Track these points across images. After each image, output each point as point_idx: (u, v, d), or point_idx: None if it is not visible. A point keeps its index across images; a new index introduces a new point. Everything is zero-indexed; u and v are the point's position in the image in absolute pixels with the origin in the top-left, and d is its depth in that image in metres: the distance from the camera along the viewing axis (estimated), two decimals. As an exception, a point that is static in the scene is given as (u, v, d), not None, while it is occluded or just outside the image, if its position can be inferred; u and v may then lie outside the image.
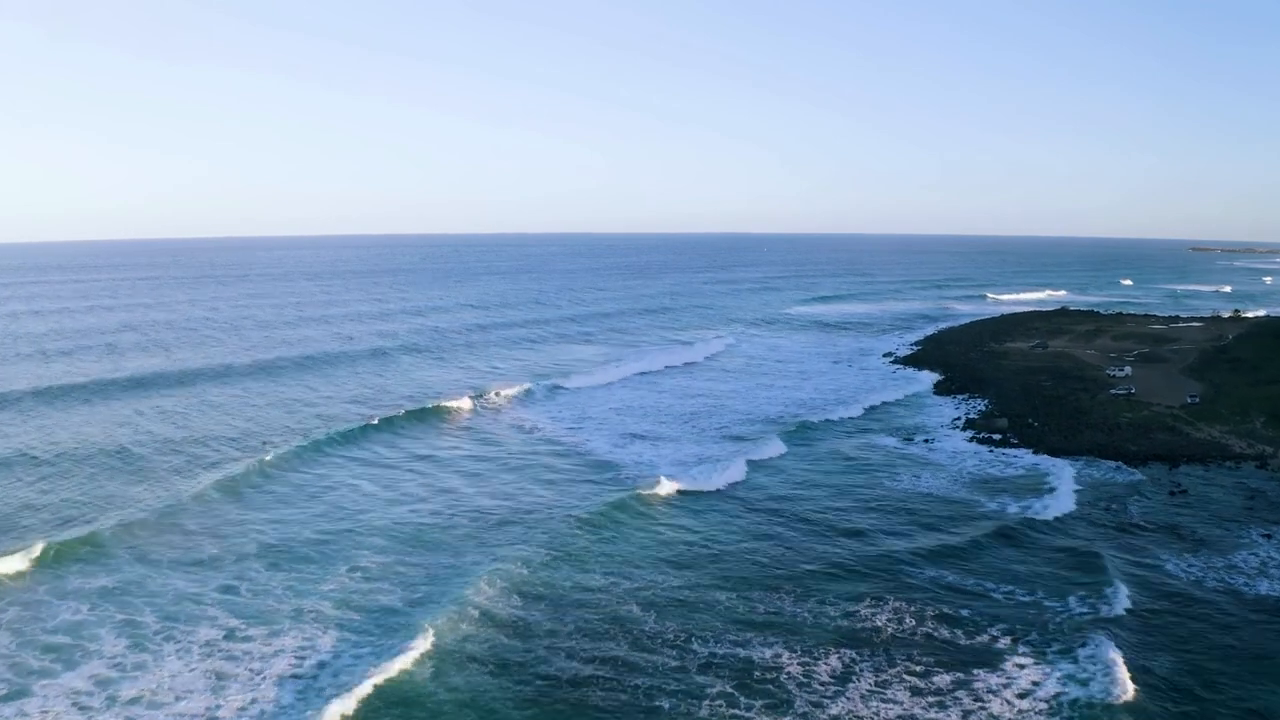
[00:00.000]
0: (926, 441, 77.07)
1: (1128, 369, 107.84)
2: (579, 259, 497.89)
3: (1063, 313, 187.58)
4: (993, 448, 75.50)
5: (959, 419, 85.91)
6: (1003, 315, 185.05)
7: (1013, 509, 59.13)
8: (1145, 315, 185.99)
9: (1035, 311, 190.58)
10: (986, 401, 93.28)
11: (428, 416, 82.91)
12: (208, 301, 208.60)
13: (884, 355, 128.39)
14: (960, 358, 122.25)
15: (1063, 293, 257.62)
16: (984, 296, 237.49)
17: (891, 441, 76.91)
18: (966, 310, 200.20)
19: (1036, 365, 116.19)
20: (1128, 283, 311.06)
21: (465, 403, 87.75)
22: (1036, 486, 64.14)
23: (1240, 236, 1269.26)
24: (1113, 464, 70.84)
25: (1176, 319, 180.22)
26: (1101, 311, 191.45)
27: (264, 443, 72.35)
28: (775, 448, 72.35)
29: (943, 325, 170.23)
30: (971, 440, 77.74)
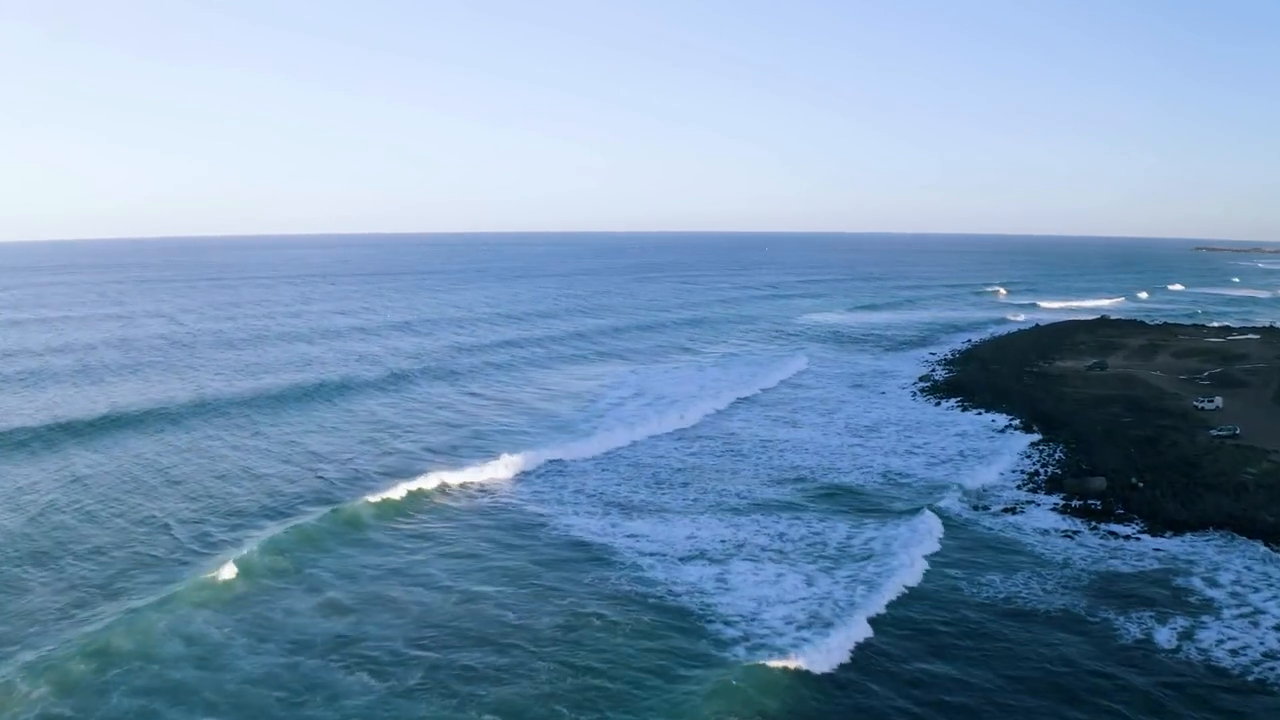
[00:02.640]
0: (1009, 513, 59.11)
1: (1218, 400, 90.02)
2: (587, 259, 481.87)
3: (1104, 323, 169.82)
4: (1095, 523, 57.58)
5: (1036, 473, 68.04)
6: (1038, 326, 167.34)
7: (1179, 644, 41.22)
8: (1194, 325, 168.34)
9: (1075, 321, 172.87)
10: (1062, 446, 75.38)
11: (424, 500, 59.76)
12: (197, 309, 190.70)
13: (921, 380, 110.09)
14: (1011, 383, 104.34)
15: (1120, 299, 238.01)
16: (1035, 305, 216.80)
17: (955, 507, 58.92)
18: (986, 318, 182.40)
19: (1104, 393, 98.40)
20: (1177, 287, 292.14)
21: (483, 472, 64.93)
22: (1187, 597, 46.18)
23: (1240, 236, 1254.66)
24: (1256, 546, 53.14)
25: (1228, 329, 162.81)
26: (1147, 321, 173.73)
27: (195, 544, 52.04)
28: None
29: (973, 337, 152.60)
30: (1063, 511, 59.79)
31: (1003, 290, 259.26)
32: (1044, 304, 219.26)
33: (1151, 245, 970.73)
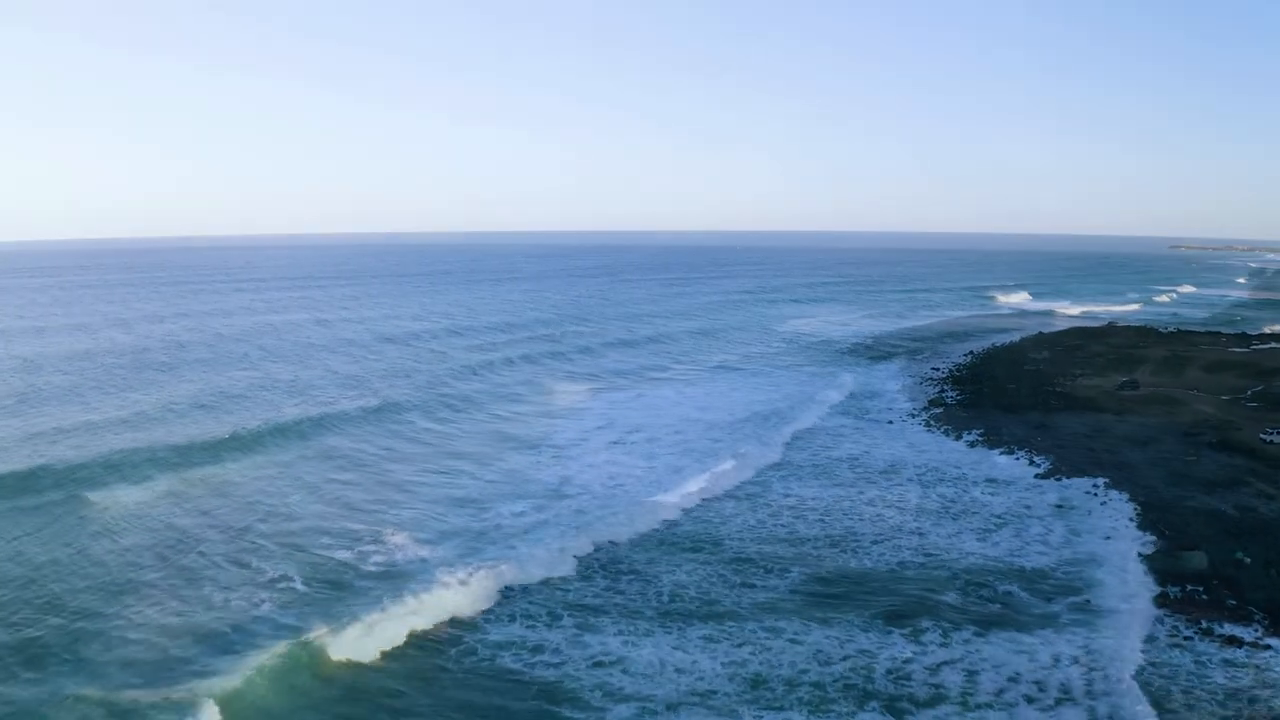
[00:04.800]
0: (1082, 611, 45.05)
1: (1289, 432, 76.96)
2: (574, 259, 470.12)
3: (1114, 330, 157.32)
4: (1204, 623, 43.65)
5: (1109, 541, 54.24)
6: (1041, 334, 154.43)
7: None
8: (1209, 333, 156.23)
9: (1081, 329, 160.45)
10: (1126, 497, 61.75)
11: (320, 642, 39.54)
12: (157, 318, 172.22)
13: (932, 405, 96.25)
14: (1037, 406, 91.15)
15: (1137, 305, 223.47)
16: (1052, 313, 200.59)
17: (1028, 605, 45.01)
18: (987, 324, 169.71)
19: (1149, 421, 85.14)
20: (1188, 289, 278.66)
21: (396, 562, 48.42)
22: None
23: (1210, 234, 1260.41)
24: None
25: (1246, 336, 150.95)
26: (1160, 329, 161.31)
27: None
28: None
29: (975, 347, 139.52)
30: (1160, 602, 45.82)
31: (1014, 295, 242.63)
32: (1062, 309, 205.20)
33: (1129, 244, 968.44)
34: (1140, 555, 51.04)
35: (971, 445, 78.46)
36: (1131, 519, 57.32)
